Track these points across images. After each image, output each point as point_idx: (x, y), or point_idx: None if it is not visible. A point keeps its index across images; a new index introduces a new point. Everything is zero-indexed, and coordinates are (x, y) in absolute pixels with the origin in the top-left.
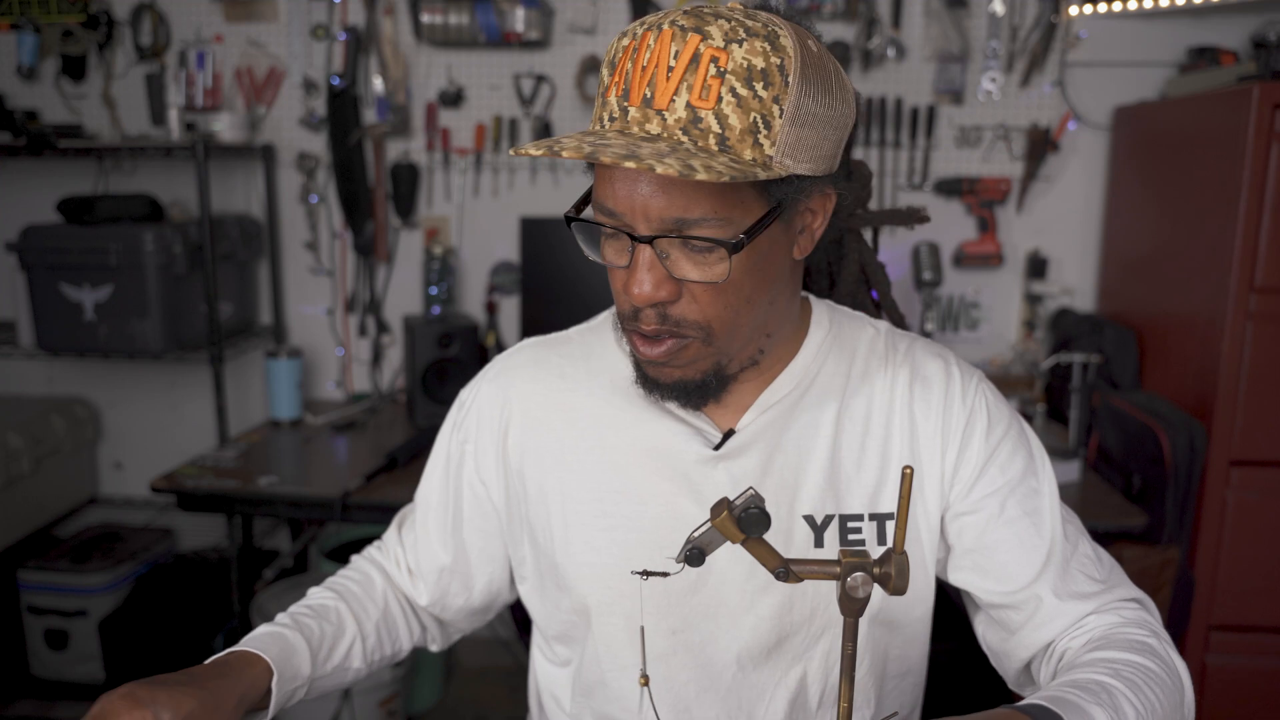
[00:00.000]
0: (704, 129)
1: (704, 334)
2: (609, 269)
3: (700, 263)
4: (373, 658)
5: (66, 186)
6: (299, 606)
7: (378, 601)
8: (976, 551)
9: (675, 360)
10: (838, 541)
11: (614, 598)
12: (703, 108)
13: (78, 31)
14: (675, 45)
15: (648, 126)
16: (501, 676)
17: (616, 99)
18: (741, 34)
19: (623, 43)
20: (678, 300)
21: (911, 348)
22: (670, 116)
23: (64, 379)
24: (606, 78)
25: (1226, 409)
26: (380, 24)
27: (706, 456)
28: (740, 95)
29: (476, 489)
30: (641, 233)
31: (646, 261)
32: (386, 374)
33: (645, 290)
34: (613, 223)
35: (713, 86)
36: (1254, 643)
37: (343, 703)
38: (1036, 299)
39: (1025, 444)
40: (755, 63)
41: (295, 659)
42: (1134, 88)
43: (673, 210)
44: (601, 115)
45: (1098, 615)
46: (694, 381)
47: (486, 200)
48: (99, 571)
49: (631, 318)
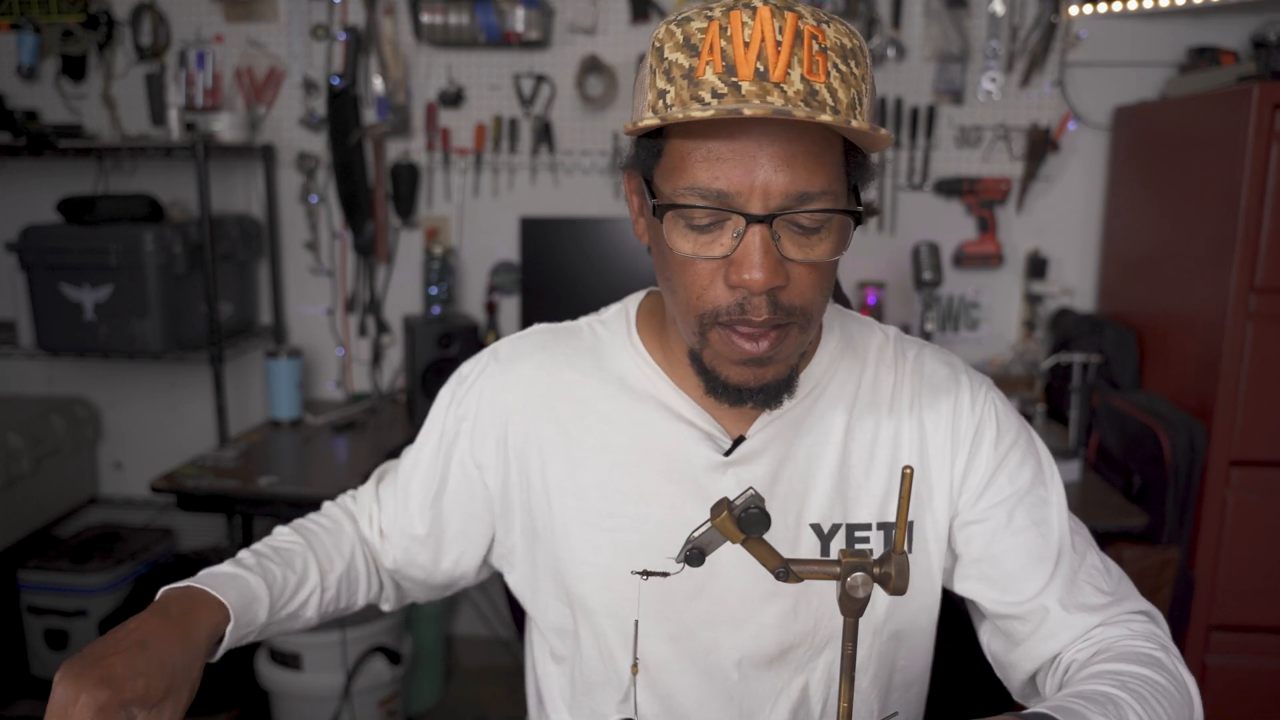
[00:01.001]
0: (821, 101)
1: (804, 320)
2: (687, 265)
3: (804, 244)
4: (327, 609)
5: (66, 186)
6: (264, 546)
7: (344, 554)
8: (983, 561)
9: (779, 354)
10: None
11: (614, 599)
12: (816, 81)
13: (78, 31)
14: (777, 22)
15: (769, 99)
16: (501, 676)
17: (718, 76)
18: (824, 16)
19: (696, 25)
20: (786, 286)
21: (920, 355)
22: (789, 89)
23: (64, 379)
24: (686, 59)
25: (1226, 409)
26: (380, 24)
27: (716, 462)
28: (842, 71)
29: (468, 469)
30: (758, 212)
31: (762, 245)
32: (386, 374)
33: (763, 275)
34: (721, 205)
35: (819, 62)
36: (1254, 643)
37: (343, 703)
38: (1036, 299)
39: (1034, 453)
40: (845, 42)
41: (254, 607)
42: (1134, 88)
43: (797, 184)
44: (699, 94)
45: (1105, 628)
46: (784, 380)
47: (486, 200)
48: (99, 571)
49: (735, 312)
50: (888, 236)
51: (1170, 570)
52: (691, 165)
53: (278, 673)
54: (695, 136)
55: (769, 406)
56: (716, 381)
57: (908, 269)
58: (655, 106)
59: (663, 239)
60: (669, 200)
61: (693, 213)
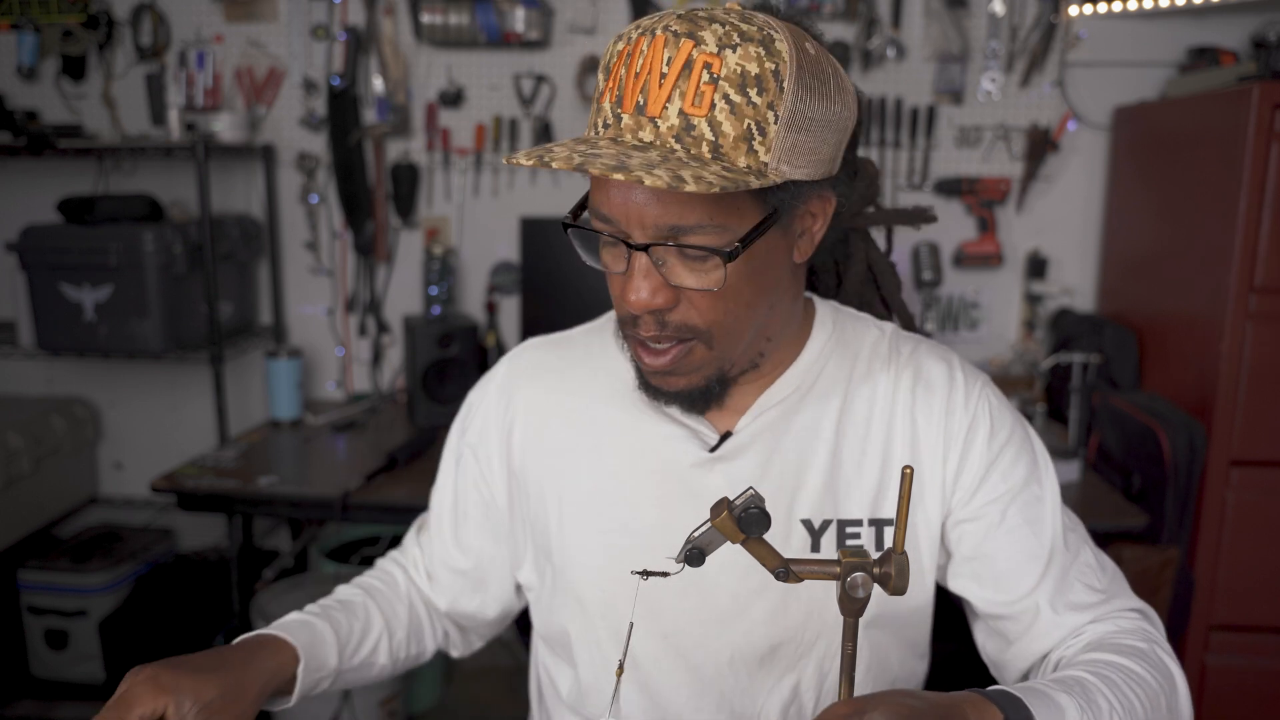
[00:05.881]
0: (697, 136)
1: (706, 338)
2: (608, 275)
3: (696, 269)
4: (398, 654)
5: (66, 186)
6: (327, 600)
7: (403, 599)
8: (975, 560)
9: (680, 368)
10: (835, 547)
11: (609, 600)
12: (696, 115)
13: (78, 31)
14: (668, 51)
15: (640, 134)
16: (501, 676)
17: (610, 105)
18: (735, 39)
19: (617, 47)
20: (676, 306)
21: (916, 350)
22: (663, 124)
23: (64, 379)
24: (602, 83)
25: (1226, 409)
26: (380, 24)
27: (703, 460)
28: (734, 102)
29: (483, 491)
30: (637, 240)
31: (643, 269)
32: (386, 374)
33: (642, 297)
34: (609, 229)
35: (706, 93)
36: (1254, 643)
37: (343, 703)
38: (1036, 299)
39: (1028, 450)
40: (749, 68)
41: (323, 649)
42: (1134, 88)
43: (667, 218)
44: (596, 121)
45: (1095, 624)
46: (698, 389)
47: (486, 200)
48: (99, 571)
49: (631, 324)
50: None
51: (1170, 570)
52: (596, 189)
53: None
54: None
55: (694, 411)
56: (640, 381)
57: (908, 269)
58: (593, 123)
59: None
60: (585, 218)
61: (597, 231)
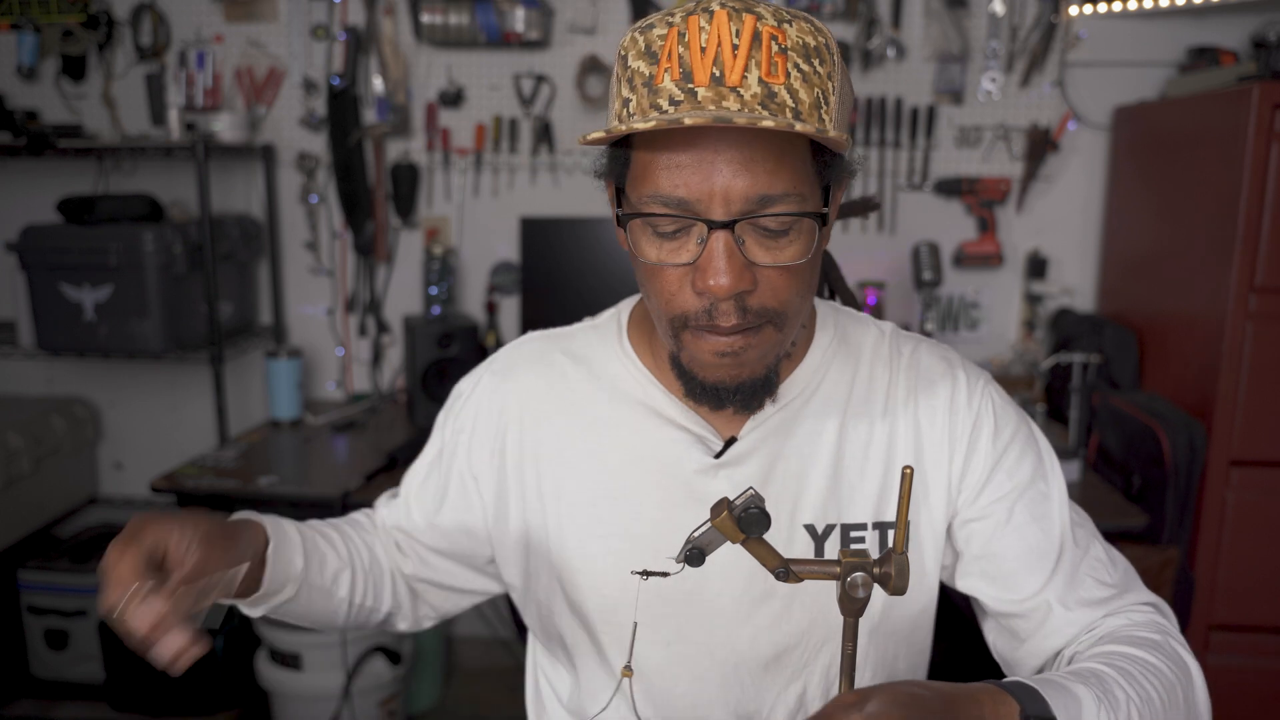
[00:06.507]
0: (780, 104)
1: (779, 320)
2: (656, 271)
3: (772, 247)
4: (356, 595)
5: (66, 186)
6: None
7: (369, 546)
8: (984, 558)
9: (750, 353)
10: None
11: (609, 603)
12: (774, 83)
13: (78, 31)
14: (734, 25)
15: (724, 104)
16: (501, 676)
17: (674, 84)
18: (786, 15)
19: (658, 32)
20: (754, 290)
21: (916, 350)
22: (746, 92)
23: (64, 379)
24: (646, 68)
25: (1226, 409)
26: (380, 24)
27: (707, 465)
28: (804, 71)
29: (466, 481)
30: (719, 218)
31: (725, 250)
32: (386, 374)
33: (728, 280)
34: (683, 212)
35: (779, 63)
36: (1254, 643)
37: (343, 703)
38: (1036, 299)
39: (1034, 446)
40: (808, 40)
41: (290, 548)
42: (1134, 88)
43: (757, 188)
44: (656, 102)
45: (1108, 619)
46: (759, 379)
47: (486, 200)
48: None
49: (703, 316)
50: (888, 236)
51: (1170, 570)
52: (654, 173)
53: (278, 673)
54: (656, 145)
55: (749, 409)
56: (695, 383)
57: (908, 269)
58: (620, 115)
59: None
60: (635, 209)
61: (658, 220)
